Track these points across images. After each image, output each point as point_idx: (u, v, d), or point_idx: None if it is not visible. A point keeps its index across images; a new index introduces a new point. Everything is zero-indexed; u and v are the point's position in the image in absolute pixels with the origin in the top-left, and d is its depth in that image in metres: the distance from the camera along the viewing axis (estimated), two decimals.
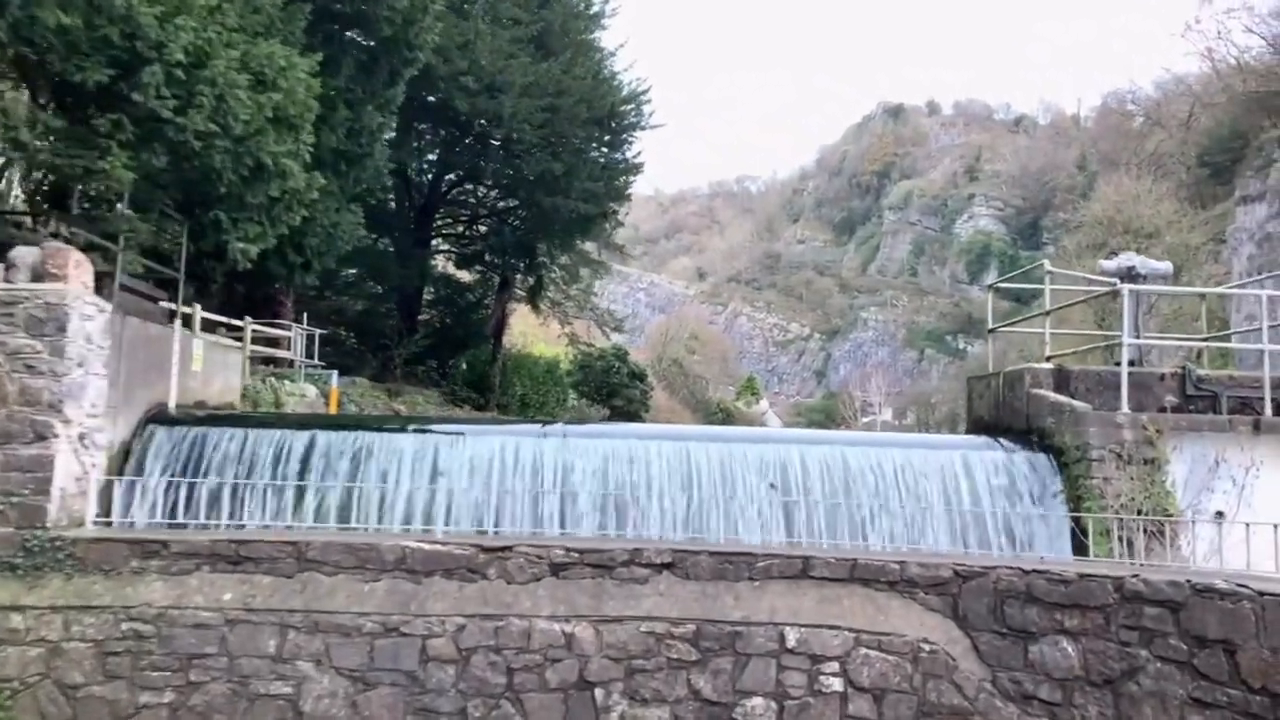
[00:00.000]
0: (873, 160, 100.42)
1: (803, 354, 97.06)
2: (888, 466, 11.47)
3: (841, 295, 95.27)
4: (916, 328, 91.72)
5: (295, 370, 22.62)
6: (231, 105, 7.80)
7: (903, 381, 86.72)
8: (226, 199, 8.51)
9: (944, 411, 70.56)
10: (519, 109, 24.08)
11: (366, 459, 11.36)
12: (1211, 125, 55.56)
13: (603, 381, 44.49)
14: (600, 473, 10.63)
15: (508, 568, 6.88)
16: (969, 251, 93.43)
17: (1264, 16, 53.50)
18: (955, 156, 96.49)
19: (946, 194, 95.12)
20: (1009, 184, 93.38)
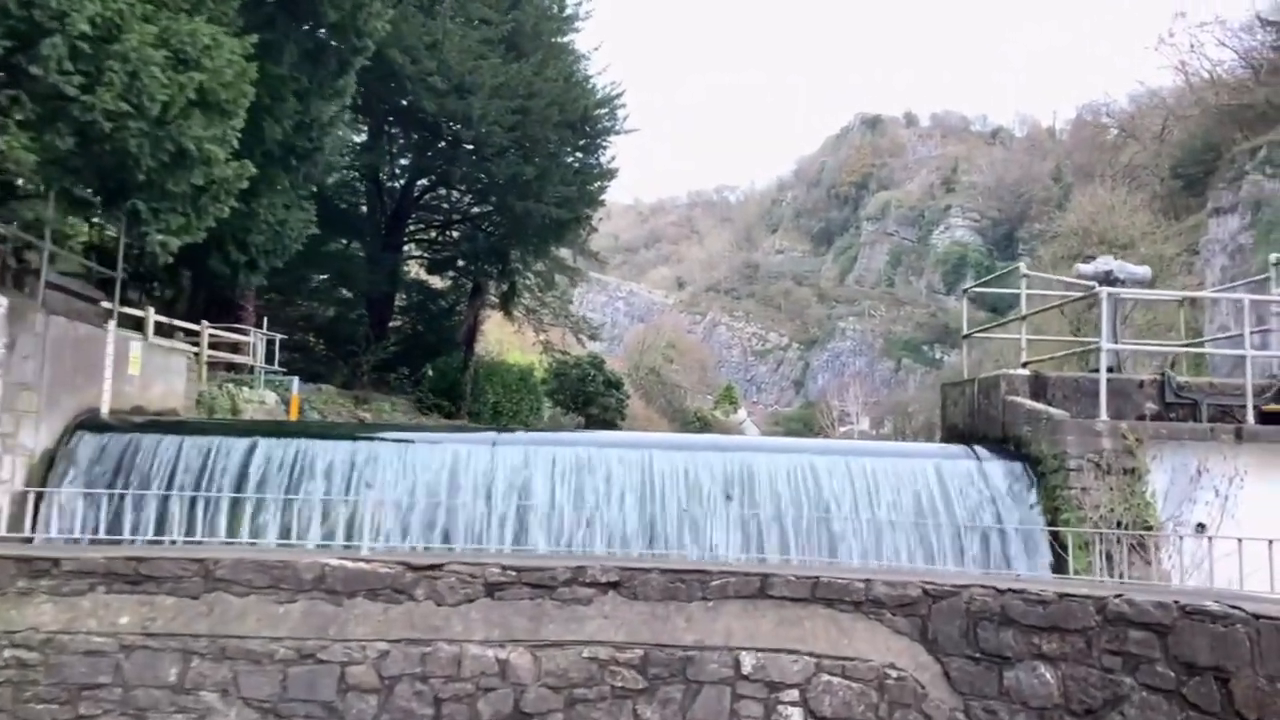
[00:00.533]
0: (851, 171, 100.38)
1: (781, 363, 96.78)
2: (858, 476, 10.92)
3: (820, 305, 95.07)
4: (894, 337, 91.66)
5: (255, 376, 21.88)
6: (146, 83, 7.14)
7: (880, 391, 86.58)
8: (146, 187, 7.85)
9: (921, 420, 70.29)
10: (489, 110, 23.48)
11: (308, 468, 10.71)
12: (1184, 138, 55.76)
13: (578, 390, 43.89)
14: (555, 483, 10.01)
15: (438, 588, 6.23)
16: (945, 262, 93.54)
17: (1235, 30, 53.77)
18: (932, 168, 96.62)
19: (924, 205, 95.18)
20: (985, 195, 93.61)
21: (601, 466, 10.68)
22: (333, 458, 10.77)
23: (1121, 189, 50.95)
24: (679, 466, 10.77)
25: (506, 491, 9.95)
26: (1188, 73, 57.33)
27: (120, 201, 8.01)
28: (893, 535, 10.22)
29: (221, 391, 20.29)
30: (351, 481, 10.52)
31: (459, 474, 10.51)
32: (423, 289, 37.24)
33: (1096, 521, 10.30)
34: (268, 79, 9.95)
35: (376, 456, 10.73)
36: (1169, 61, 55.62)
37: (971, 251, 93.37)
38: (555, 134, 25.99)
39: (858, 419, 79.06)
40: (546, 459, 10.72)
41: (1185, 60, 55.16)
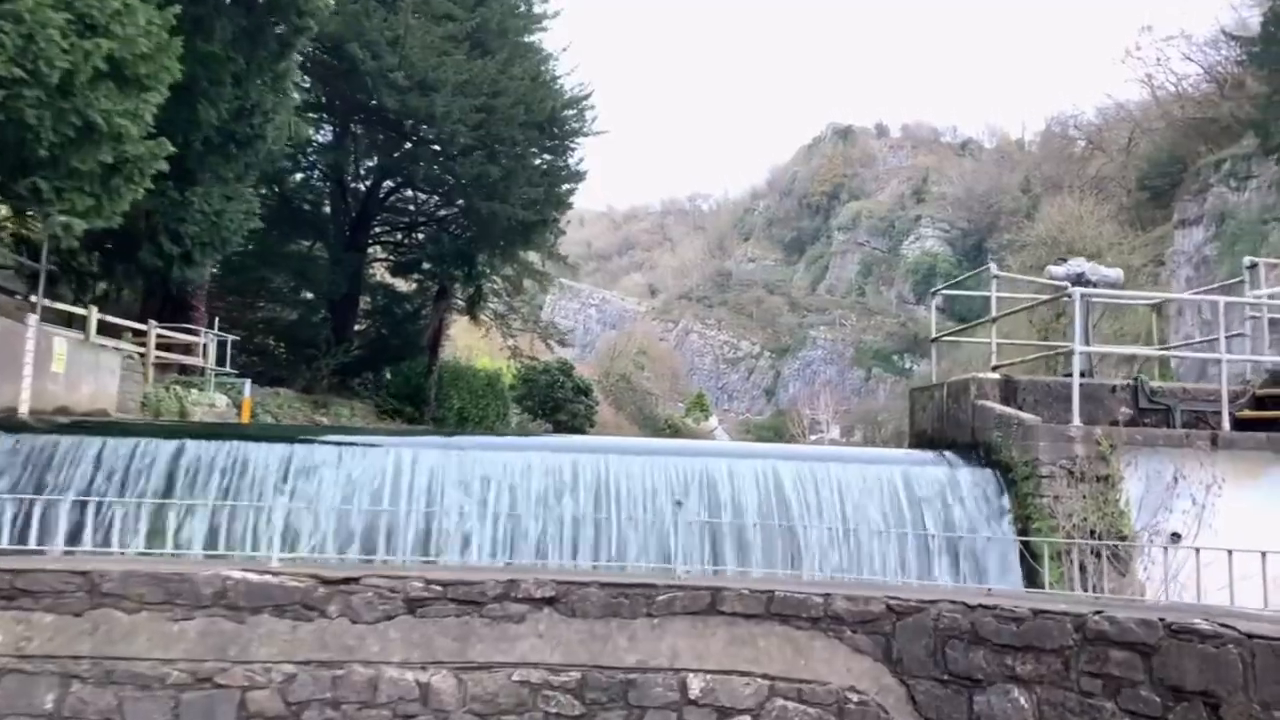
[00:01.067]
0: (822, 181, 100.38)
1: (753, 371, 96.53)
2: (824, 483, 10.39)
3: (791, 314, 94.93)
4: (864, 346, 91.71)
5: (205, 378, 21.05)
6: (43, 48, 6.48)
7: (850, 400, 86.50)
8: (49, 164, 7.17)
9: (891, 429, 70.16)
10: (452, 108, 22.83)
11: (240, 473, 10.01)
12: (1151, 150, 56.10)
13: (547, 396, 43.23)
14: (504, 490, 9.38)
15: (353, 603, 5.58)
16: (915, 272, 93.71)
17: (1200, 45, 54.15)
18: (903, 178, 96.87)
19: (894, 215, 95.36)
20: (955, 206, 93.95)
21: (555, 473, 10.09)
22: (267, 461, 10.11)
23: (1090, 199, 51.11)
24: (635, 471, 10.20)
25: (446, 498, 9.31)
26: (1154, 86, 57.69)
27: (19, 179, 7.32)
28: (858, 545, 9.69)
29: (168, 393, 19.46)
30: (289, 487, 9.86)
31: (407, 478, 9.87)
32: (388, 292, 36.46)
33: (1070, 531, 9.81)
34: (201, 57, 9.30)
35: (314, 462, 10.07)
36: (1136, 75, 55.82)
37: (941, 261, 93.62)
38: (522, 134, 25.38)
39: (828, 427, 78.91)
40: (499, 465, 10.11)
41: (1151, 74, 55.50)
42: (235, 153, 11.37)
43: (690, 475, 10.17)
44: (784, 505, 10.04)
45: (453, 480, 9.15)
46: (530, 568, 6.74)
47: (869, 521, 10.08)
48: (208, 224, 11.08)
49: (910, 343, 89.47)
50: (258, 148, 11.89)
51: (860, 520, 10.12)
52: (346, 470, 10.01)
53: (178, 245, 10.92)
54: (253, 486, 9.86)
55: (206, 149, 10.06)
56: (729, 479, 10.23)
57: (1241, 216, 43.41)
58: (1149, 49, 55.60)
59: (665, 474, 10.16)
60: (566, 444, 11.72)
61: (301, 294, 32.27)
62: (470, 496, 9.01)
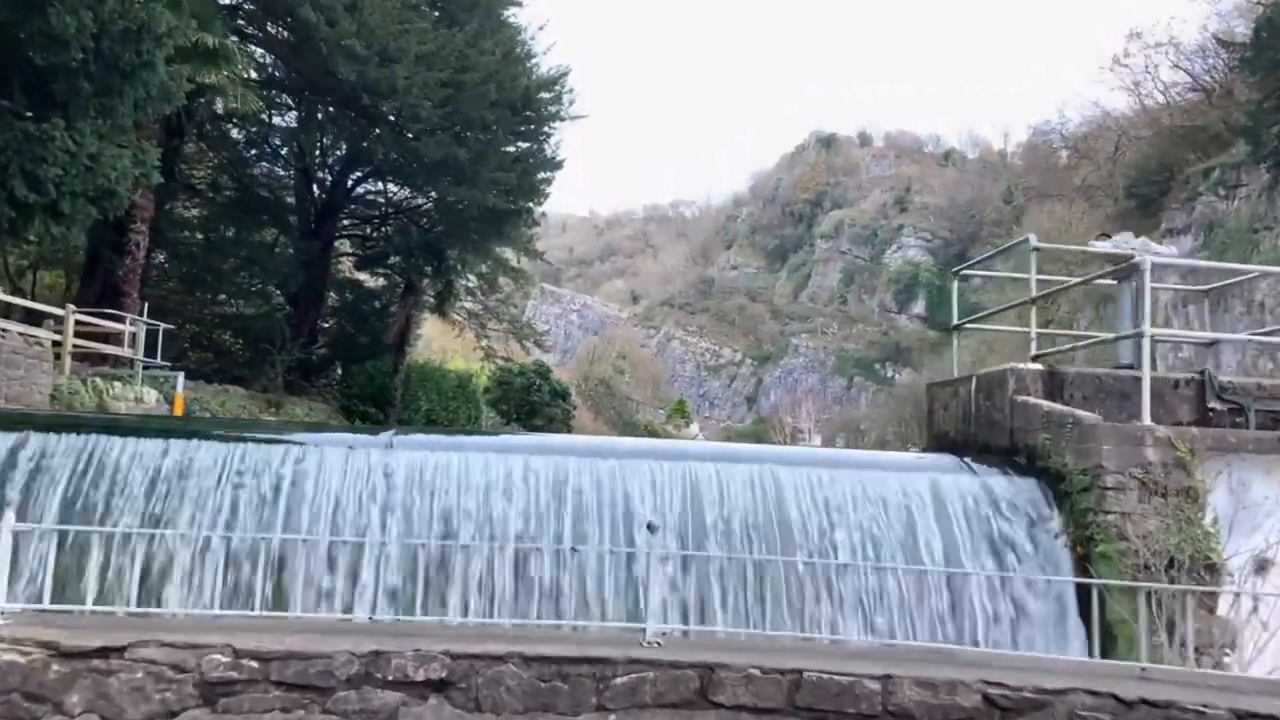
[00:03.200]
0: (805, 189, 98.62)
1: (734, 379, 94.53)
2: (834, 495, 8.15)
3: (773, 321, 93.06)
4: (846, 355, 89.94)
5: (132, 371, 18.65)
6: None
7: (832, 408, 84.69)
8: None
9: (873, 438, 68.21)
10: (414, 81, 20.54)
11: (96, 478, 7.65)
12: (1138, 158, 54.63)
13: (522, 399, 40.99)
14: (417, 505, 7.07)
15: (109, 691, 3.31)
16: (897, 281, 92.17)
17: (1188, 54, 52.74)
18: (886, 187, 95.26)
19: (877, 224, 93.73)
20: (937, 215, 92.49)
21: (500, 480, 7.77)
22: (131, 462, 7.77)
23: (1080, 206, 49.49)
24: (602, 479, 7.92)
25: (355, 510, 7.01)
26: (1141, 94, 56.30)
27: None
28: (879, 581, 7.43)
29: (86, 386, 17.06)
30: (162, 494, 7.52)
31: (304, 487, 7.53)
32: (355, 288, 34.15)
33: (1149, 559, 7.63)
34: None
35: (193, 461, 7.75)
36: (1123, 82, 54.24)
37: (923, 271, 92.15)
38: (492, 114, 23.11)
39: (810, 435, 76.99)
40: (431, 468, 7.80)
41: (1139, 81, 54.04)
42: (117, 85, 9.05)
43: (670, 483, 7.92)
44: (786, 525, 7.78)
45: (352, 488, 6.86)
46: (417, 627, 4.47)
47: (892, 549, 7.85)
48: (78, 169, 8.76)
49: (892, 351, 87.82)
50: (146, 80, 9.52)
51: (881, 544, 7.90)
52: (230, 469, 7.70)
53: (36, 192, 8.58)
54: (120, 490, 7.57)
55: (68, 72, 7.85)
56: (718, 487, 7.98)
57: (1231, 225, 41.96)
58: (1138, 56, 54.10)
59: (639, 482, 7.89)
60: (516, 444, 9.38)
61: (262, 287, 29.85)
62: (373, 505, 6.72)
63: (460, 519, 6.79)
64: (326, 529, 6.25)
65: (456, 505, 7.01)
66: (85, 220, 9.32)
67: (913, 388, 70.13)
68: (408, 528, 6.49)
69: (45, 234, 8.84)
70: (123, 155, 9.20)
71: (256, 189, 29.83)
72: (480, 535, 6.52)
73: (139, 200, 18.80)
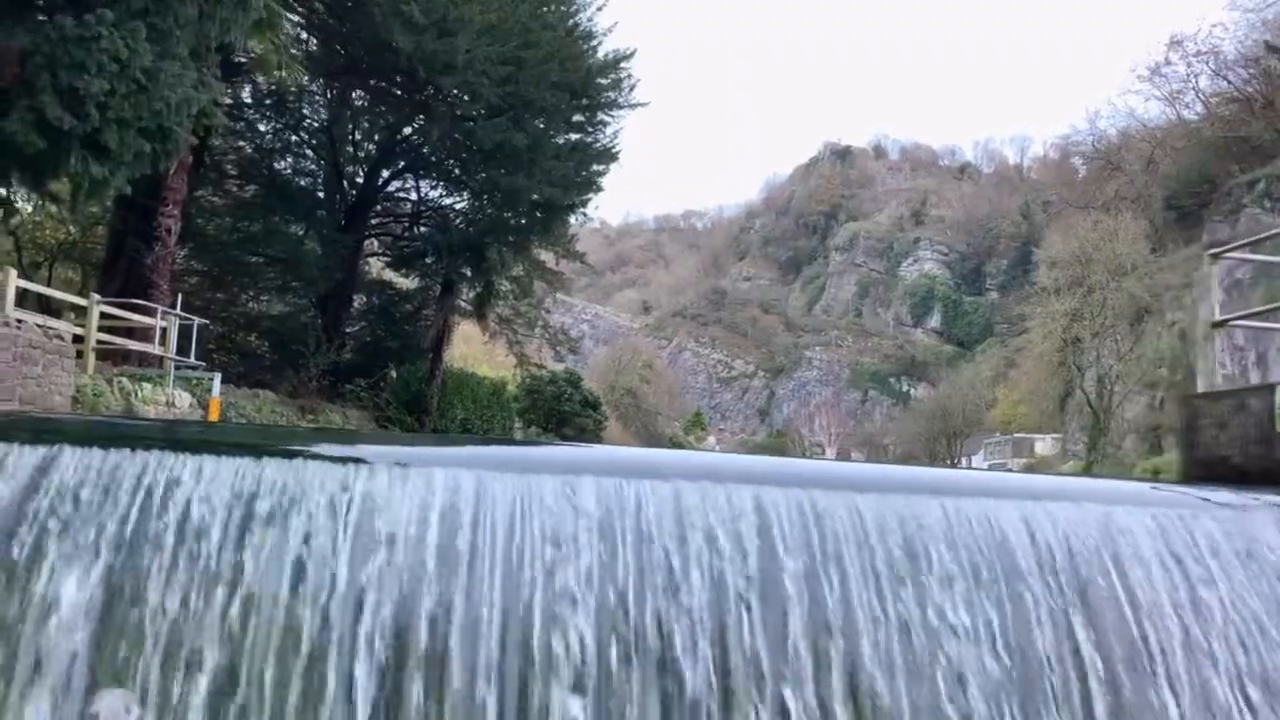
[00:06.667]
0: (820, 201, 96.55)
1: (746, 391, 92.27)
2: (1045, 548, 5.20)
3: (786, 334, 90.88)
4: (861, 368, 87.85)
5: (163, 371, 16.21)
6: None
7: (846, 422, 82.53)
8: None
9: (897, 455, 65.98)
10: (476, 54, 18.21)
11: (159, 509, 5.14)
12: (1176, 169, 52.73)
13: (552, 409, 38.79)
14: (673, 557, 4.62)
15: None
16: (913, 294, 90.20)
17: (1230, 63, 50.95)
18: (901, 200, 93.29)
19: (892, 237, 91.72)
20: (954, 229, 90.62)
21: (714, 514, 5.25)
22: (203, 491, 5.26)
23: (1125, 215, 47.49)
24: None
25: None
26: (1178, 104, 54.50)
27: None
28: None
29: (112, 387, 14.64)
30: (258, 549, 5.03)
31: (468, 534, 4.95)
32: (385, 290, 31.76)
33: None
34: None
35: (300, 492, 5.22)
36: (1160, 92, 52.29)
37: (939, 284, 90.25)
38: (552, 97, 20.78)
39: (826, 450, 74.78)
40: (626, 498, 5.13)
41: (1179, 91, 52.20)
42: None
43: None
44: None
45: (536, 533, 4.36)
46: None
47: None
48: (128, 86, 6.38)
49: (908, 365, 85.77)
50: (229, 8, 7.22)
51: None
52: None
53: (73, 114, 6.22)
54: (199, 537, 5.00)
55: None
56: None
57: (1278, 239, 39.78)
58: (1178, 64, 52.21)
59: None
60: (716, 466, 6.56)
61: (289, 284, 27.49)
62: (573, 560, 4.24)
63: (736, 581, 4.30)
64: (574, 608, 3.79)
65: (717, 563, 4.51)
66: (135, 162, 6.97)
67: (938, 402, 67.93)
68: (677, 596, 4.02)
69: (83, 174, 6.50)
70: (185, 76, 6.84)
71: (284, 183, 27.52)
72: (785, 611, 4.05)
73: (171, 180, 16.45)
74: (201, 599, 4.02)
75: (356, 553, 4.26)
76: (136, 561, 4.18)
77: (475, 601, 4.17)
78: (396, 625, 4.06)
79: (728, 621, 3.99)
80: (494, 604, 4.16)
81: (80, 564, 4.15)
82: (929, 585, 4.25)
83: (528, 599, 4.19)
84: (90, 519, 4.37)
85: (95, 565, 4.17)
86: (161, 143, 7.14)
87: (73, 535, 4.28)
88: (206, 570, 4.17)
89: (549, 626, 4.15)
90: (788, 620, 4.02)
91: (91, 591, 4.03)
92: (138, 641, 3.76)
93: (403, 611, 4.11)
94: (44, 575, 3.99)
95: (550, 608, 4.17)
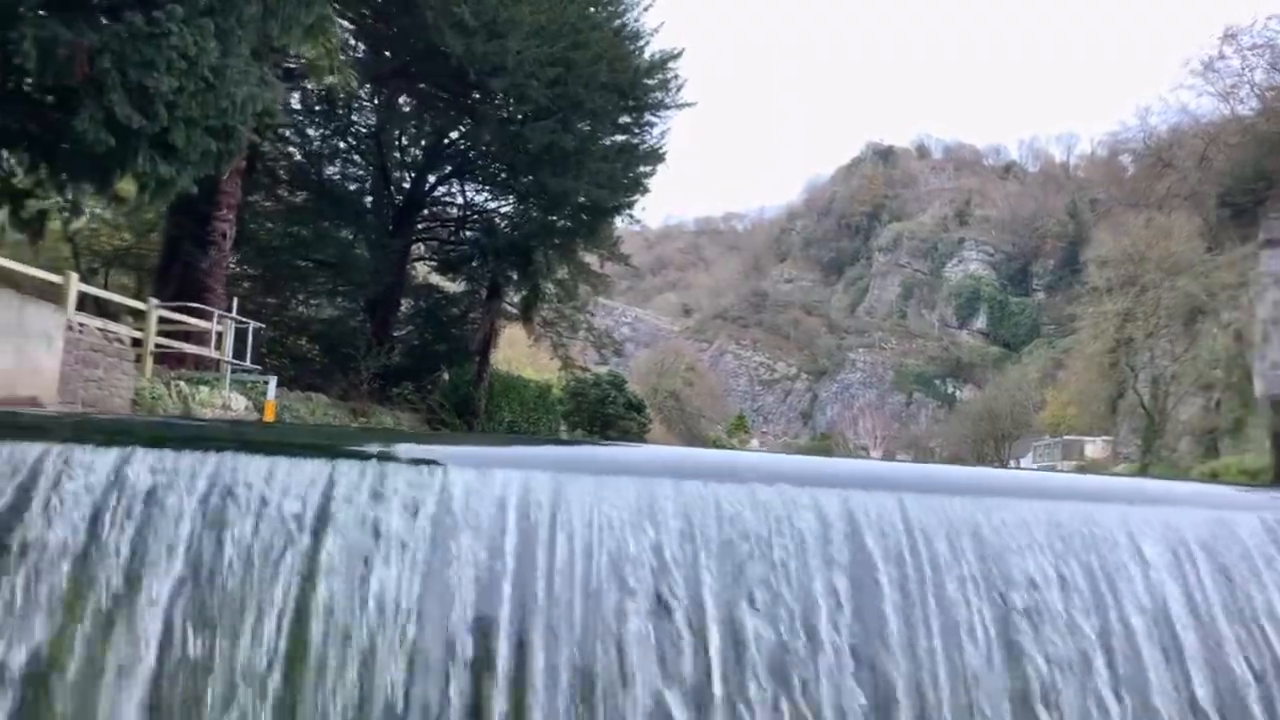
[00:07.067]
0: (862, 201, 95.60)
1: (789, 393, 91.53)
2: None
3: (829, 335, 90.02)
4: (905, 370, 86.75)
5: (219, 374, 16.31)
6: None
7: (891, 425, 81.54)
8: None
9: (943, 457, 65.02)
10: (526, 56, 18.12)
11: (258, 516, 4.91)
12: (1228, 166, 51.41)
13: (596, 411, 38.65)
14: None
15: None
16: (958, 295, 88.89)
17: None
18: (945, 200, 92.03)
19: (936, 237, 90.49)
20: (999, 229, 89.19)
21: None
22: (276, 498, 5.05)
23: (1179, 213, 46.35)
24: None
25: None
26: (1233, 99, 53.11)
27: None
28: None
29: (170, 391, 14.74)
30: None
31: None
32: (431, 294, 31.88)
33: None
34: None
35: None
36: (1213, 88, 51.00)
37: (985, 285, 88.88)
38: (600, 98, 20.65)
39: (870, 453, 73.92)
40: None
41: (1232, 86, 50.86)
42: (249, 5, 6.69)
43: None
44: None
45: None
46: None
47: None
48: (195, 84, 6.33)
49: (953, 367, 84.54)
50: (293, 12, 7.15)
51: None
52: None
53: (143, 113, 6.18)
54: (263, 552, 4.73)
55: None
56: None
57: None
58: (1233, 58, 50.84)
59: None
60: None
61: (339, 288, 27.74)
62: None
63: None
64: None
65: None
66: (201, 161, 6.95)
67: (985, 404, 66.83)
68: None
69: (150, 173, 6.46)
70: (249, 74, 6.78)
71: (333, 188, 27.76)
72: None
73: (225, 184, 16.56)
74: (276, 600, 3.84)
75: (436, 554, 4.06)
76: (215, 563, 4.02)
77: (555, 601, 3.95)
78: (478, 627, 3.84)
79: None
80: (574, 606, 3.94)
81: (160, 566, 4.00)
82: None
83: (609, 604, 3.97)
84: (169, 521, 4.22)
85: (174, 567, 4.02)
86: (225, 142, 7.10)
87: (150, 537, 4.12)
88: (284, 572, 3.99)
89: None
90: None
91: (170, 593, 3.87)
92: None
93: (483, 611, 3.89)
94: (128, 576, 3.85)
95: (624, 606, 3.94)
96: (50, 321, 7.35)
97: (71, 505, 4.25)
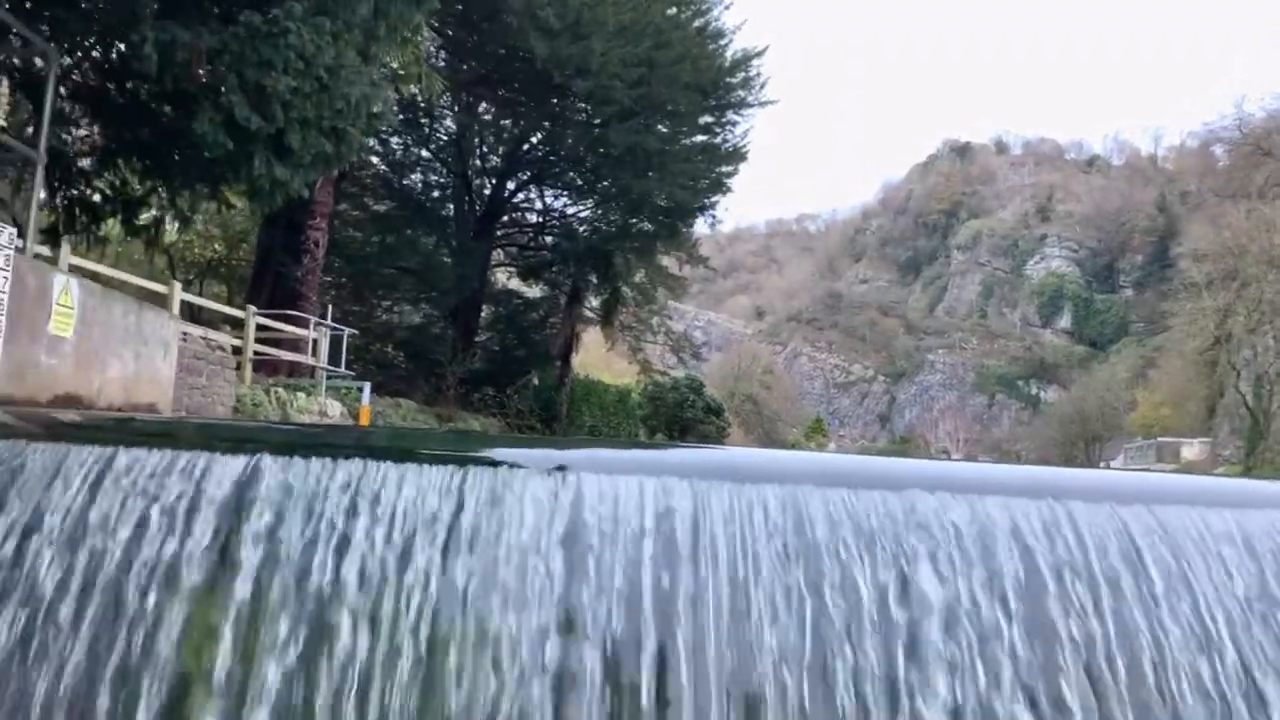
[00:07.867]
0: (939, 199, 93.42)
1: (865, 396, 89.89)
2: None
3: (907, 336, 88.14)
4: (986, 371, 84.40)
5: (315, 381, 16.47)
6: None
7: (972, 427, 79.35)
8: None
9: (1029, 461, 62.97)
10: (610, 57, 17.95)
11: (366, 515, 4.74)
12: None
13: (674, 415, 38.25)
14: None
15: None
16: (1041, 294, 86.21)
17: None
18: (1026, 196, 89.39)
19: (1017, 234, 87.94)
20: (1083, 224, 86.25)
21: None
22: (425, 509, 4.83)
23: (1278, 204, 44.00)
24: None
25: None
26: None
27: None
28: None
29: (269, 397, 14.91)
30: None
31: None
32: (511, 300, 32.02)
33: None
34: None
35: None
36: None
37: (1069, 283, 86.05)
38: (683, 97, 20.37)
39: (952, 456, 72.04)
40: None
41: None
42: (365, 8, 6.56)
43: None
44: None
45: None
46: None
47: None
48: (311, 84, 6.21)
49: (1037, 368, 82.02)
50: (407, 17, 7.03)
51: None
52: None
53: (260, 115, 6.09)
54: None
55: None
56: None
57: None
58: None
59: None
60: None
61: (423, 295, 28.02)
62: None
63: None
64: None
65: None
66: (314, 163, 6.86)
67: (1073, 405, 64.54)
68: None
69: (266, 176, 6.38)
70: (361, 75, 6.66)
71: (416, 196, 28.05)
72: None
73: (318, 193, 16.72)
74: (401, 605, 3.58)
75: (571, 560, 3.74)
76: (343, 569, 3.78)
77: (698, 612, 3.60)
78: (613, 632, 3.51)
79: None
80: (722, 613, 3.59)
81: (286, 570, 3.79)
82: None
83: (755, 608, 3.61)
84: (295, 527, 4.01)
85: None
86: (338, 144, 7.01)
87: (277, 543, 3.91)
88: (411, 578, 3.74)
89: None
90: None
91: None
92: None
93: (623, 615, 3.56)
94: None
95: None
96: (166, 328, 7.36)
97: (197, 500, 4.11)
